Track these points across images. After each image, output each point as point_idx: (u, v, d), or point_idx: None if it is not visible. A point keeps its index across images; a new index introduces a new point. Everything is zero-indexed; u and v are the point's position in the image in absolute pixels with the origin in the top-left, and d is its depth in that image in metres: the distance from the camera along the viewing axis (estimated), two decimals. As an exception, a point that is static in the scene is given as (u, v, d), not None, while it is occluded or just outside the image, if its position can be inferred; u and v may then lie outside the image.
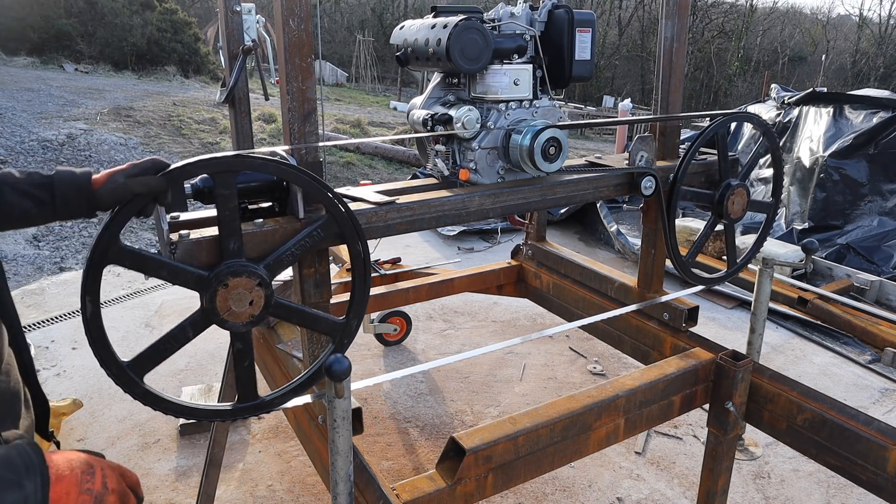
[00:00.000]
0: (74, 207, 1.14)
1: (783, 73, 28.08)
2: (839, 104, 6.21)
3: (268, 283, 1.30)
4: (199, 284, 1.25)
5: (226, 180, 1.23)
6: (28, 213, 1.10)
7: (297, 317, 1.42)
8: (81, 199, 1.14)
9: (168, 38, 19.24)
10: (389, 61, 26.38)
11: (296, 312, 1.41)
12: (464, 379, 3.77)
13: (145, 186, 1.17)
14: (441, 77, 1.94)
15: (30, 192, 1.10)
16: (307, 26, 1.37)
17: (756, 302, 2.16)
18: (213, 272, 1.25)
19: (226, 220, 1.25)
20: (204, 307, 1.27)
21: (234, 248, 1.26)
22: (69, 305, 4.47)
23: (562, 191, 1.89)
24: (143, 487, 2.93)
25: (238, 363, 1.37)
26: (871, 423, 1.67)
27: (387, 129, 13.54)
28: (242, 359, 1.37)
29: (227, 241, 1.26)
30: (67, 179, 1.13)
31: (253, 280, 1.28)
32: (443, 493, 1.49)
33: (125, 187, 1.16)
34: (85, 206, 1.15)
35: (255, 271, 1.28)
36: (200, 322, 1.29)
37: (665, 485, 2.89)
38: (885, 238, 5.49)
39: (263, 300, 1.30)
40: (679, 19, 2.08)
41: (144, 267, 1.21)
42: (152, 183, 1.18)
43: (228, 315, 1.28)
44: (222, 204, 1.24)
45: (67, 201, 1.13)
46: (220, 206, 1.24)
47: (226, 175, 1.23)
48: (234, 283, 1.26)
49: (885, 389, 3.78)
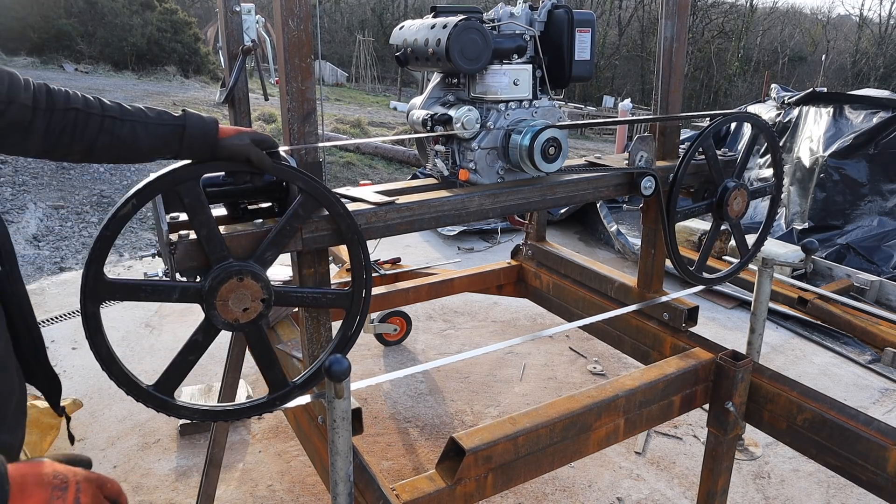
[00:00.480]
0: (197, 151, 1.22)
1: (783, 73, 28.09)
2: (839, 104, 6.21)
3: (261, 278, 1.30)
4: (195, 297, 1.26)
5: (189, 189, 1.22)
6: (156, 150, 1.19)
7: (300, 300, 1.42)
8: (206, 145, 1.22)
9: (168, 38, 19.24)
10: (389, 61, 26.37)
11: (299, 296, 1.42)
12: (464, 379, 3.77)
13: (260, 163, 1.25)
14: (441, 77, 1.94)
15: (161, 132, 1.18)
16: (307, 26, 1.37)
17: (756, 302, 2.16)
18: (205, 282, 1.25)
19: (199, 228, 1.24)
20: (207, 316, 1.27)
21: (219, 253, 1.26)
22: (69, 305, 4.47)
23: (562, 191, 1.89)
24: (144, 487, 2.93)
25: (259, 357, 1.39)
26: (871, 423, 1.67)
27: (387, 129, 13.54)
28: (262, 352, 1.39)
29: (209, 248, 1.25)
30: (197, 125, 1.21)
31: (247, 278, 1.28)
32: (443, 493, 1.49)
33: (248, 150, 1.24)
34: (207, 152, 1.23)
35: (246, 269, 1.27)
36: (209, 331, 1.31)
37: (665, 485, 2.89)
38: (885, 238, 5.49)
39: (263, 295, 1.30)
40: (679, 19, 2.08)
41: (137, 295, 1.22)
42: (265, 164, 1.26)
43: (233, 318, 1.28)
44: (192, 212, 1.23)
45: (193, 145, 1.21)
46: (190, 214, 1.23)
47: (188, 184, 1.21)
48: (229, 287, 1.26)
49: (885, 389, 3.78)
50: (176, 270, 1.27)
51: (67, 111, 1.09)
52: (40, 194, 6.75)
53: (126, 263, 5.41)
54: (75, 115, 1.09)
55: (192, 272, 1.29)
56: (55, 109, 1.07)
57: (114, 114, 1.14)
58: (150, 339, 4.05)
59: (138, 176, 7.84)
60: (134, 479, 2.80)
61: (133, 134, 1.16)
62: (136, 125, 1.16)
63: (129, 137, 1.15)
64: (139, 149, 1.17)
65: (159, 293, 1.24)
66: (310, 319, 1.54)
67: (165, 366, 1.31)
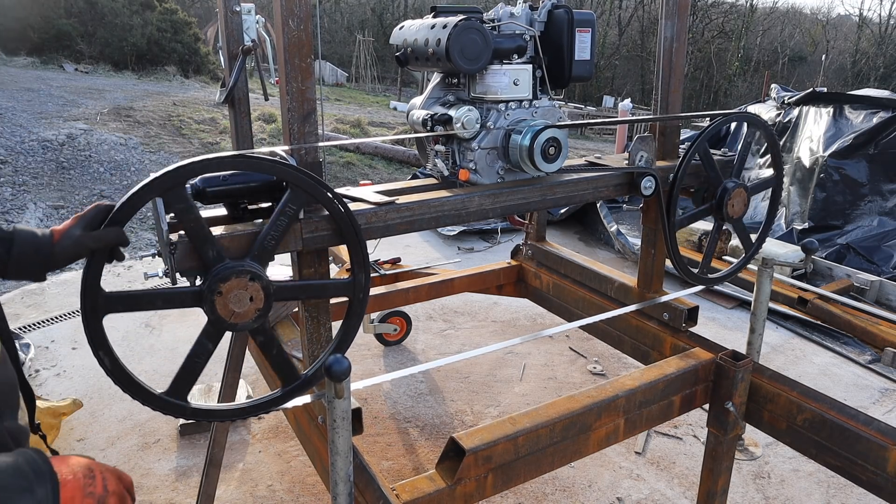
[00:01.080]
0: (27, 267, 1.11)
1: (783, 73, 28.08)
2: (839, 104, 6.21)
3: (260, 275, 1.30)
4: (197, 300, 1.26)
5: (176, 195, 1.21)
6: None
7: (302, 292, 1.42)
8: (39, 258, 1.11)
9: (168, 38, 19.24)
10: (389, 61, 26.37)
11: (300, 288, 1.42)
12: (464, 379, 3.77)
13: (100, 241, 1.17)
14: (441, 77, 1.94)
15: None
16: (307, 26, 1.37)
17: (756, 302, 2.16)
18: (203, 286, 1.25)
19: (190, 232, 1.24)
20: (210, 319, 1.27)
21: (213, 255, 1.26)
22: (69, 305, 4.47)
23: (562, 191, 1.89)
24: (144, 487, 2.93)
25: (268, 354, 1.39)
26: (871, 423, 1.67)
27: (387, 129, 13.54)
28: (270, 348, 1.39)
29: (203, 250, 1.25)
30: (28, 238, 1.10)
31: (244, 278, 1.28)
32: (443, 493, 1.49)
33: (81, 244, 1.15)
34: (40, 267, 1.13)
35: (243, 268, 1.27)
36: (213, 332, 1.31)
37: (665, 485, 2.89)
38: (885, 238, 5.49)
39: (262, 292, 1.30)
40: (679, 19, 2.08)
41: (138, 305, 1.22)
42: (107, 236, 1.17)
43: (235, 318, 1.29)
44: (181, 217, 1.22)
45: (22, 260, 1.10)
46: (180, 220, 1.22)
47: (173, 191, 1.20)
48: (227, 288, 1.26)
49: (885, 389, 3.78)
50: (176, 270, 1.27)
51: None
52: (40, 194, 6.75)
53: (126, 263, 5.41)
54: None
55: (193, 272, 1.29)
56: None
57: None
58: (151, 339, 4.05)
59: (139, 176, 7.85)
60: (134, 480, 2.80)
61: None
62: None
63: None
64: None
65: (159, 301, 1.25)
66: (310, 319, 1.54)
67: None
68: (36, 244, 1.11)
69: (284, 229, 1.35)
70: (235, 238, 1.32)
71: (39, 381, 3.55)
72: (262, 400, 1.44)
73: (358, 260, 1.44)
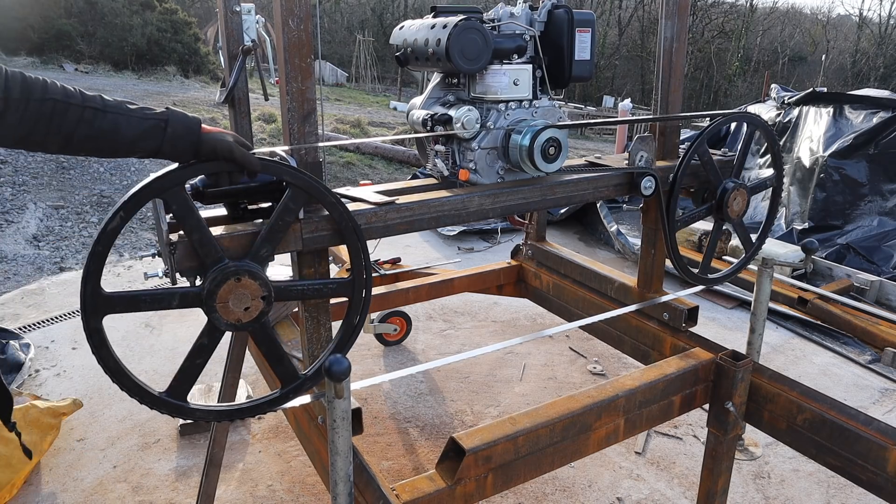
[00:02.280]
0: (180, 147, 1.19)
1: (783, 73, 28.08)
2: (839, 104, 6.21)
3: (259, 276, 1.29)
4: (196, 301, 1.26)
5: (175, 195, 1.20)
6: (137, 144, 1.15)
7: (301, 292, 1.42)
8: (189, 141, 1.19)
9: (168, 38, 19.24)
10: (389, 61, 26.36)
11: (299, 288, 1.42)
12: (464, 379, 3.77)
13: (246, 161, 1.24)
14: (441, 77, 1.94)
15: (143, 126, 1.15)
16: (307, 26, 1.37)
17: (756, 302, 2.16)
18: (203, 286, 1.25)
19: (190, 233, 1.23)
20: (210, 319, 1.27)
21: (213, 256, 1.25)
22: (69, 305, 4.47)
23: (562, 191, 1.89)
24: (144, 487, 2.93)
25: (268, 353, 1.40)
26: (871, 423, 1.67)
27: (387, 129, 13.54)
28: (270, 348, 1.39)
29: (202, 251, 1.25)
30: (180, 120, 1.19)
31: (244, 278, 1.28)
32: (443, 493, 1.49)
33: (230, 148, 1.22)
34: (190, 149, 1.20)
35: (243, 269, 1.27)
36: (213, 333, 1.31)
37: (665, 485, 2.89)
38: (885, 238, 5.48)
39: (263, 292, 1.30)
40: (679, 19, 2.08)
41: (138, 305, 1.23)
42: (251, 160, 1.24)
43: (235, 318, 1.29)
44: (181, 218, 1.22)
45: (175, 141, 1.18)
46: (179, 221, 1.22)
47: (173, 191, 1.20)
48: (227, 289, 1.26)
49: (885, 389, 3.78)
50: (176, 270, 1.27)
51: (45, 101, 1.06)
52: (40, 194, 6.75)
53: (126, 263, 5.41)
54: (53, 105, 1.07)
55: (193, 272, 1.29)
56: (31, 99, 1.05)
57: (95, 105, 1.12)
58: (150, 339, 4.05)
59: (139, 176, 7.84)
60: (134, 479, 2.80)
61: (114, 126, 1.13)
62: (118, 117, 1.13)
63: (109, 129, 1.13)
64: (119, 141, 1.14)
65: (159, 301, 1.24)
66: (310, 319, 1.54)
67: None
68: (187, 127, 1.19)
69: (283, 229, 1.35)
70: (235, 238, 1.32)
71: (39, 381, 3.55)
72: (262, 400, 1.44)
73: (357, 257, 1.43)
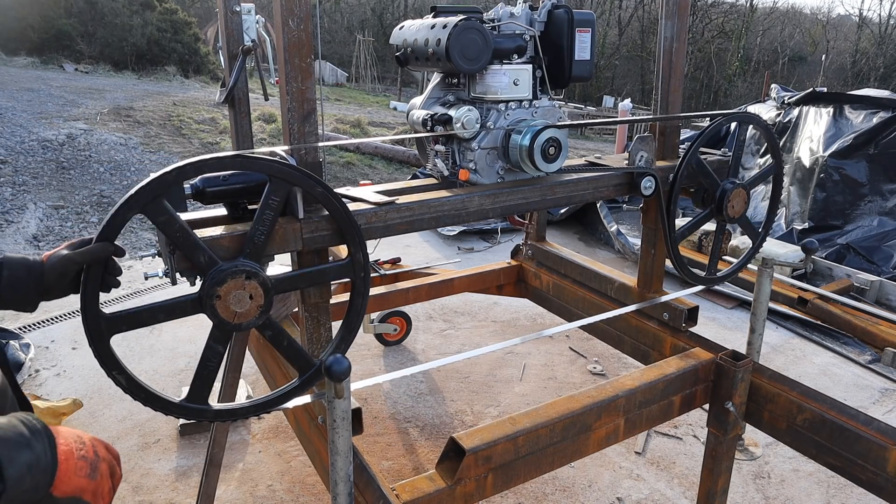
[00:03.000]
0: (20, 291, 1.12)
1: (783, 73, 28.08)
2: (839, 104, 6.21)
3: (255, 272, 1.29)
4: (197, 307, 1.26)
5: (155, 207, 1.19)
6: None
7: (301, 281, 1.42)
8: (31, 280, 1.12)
9: (168, 38, 19.25)
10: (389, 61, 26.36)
11: (299, 277, 1.42)
12: (464, 379, 3.77)
13: (87, 255, 1.17)
14: (441, 77, 1.94)
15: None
16: (307, 26, 1.37)
17: (756, 302, 2.16)
18: (201, 292, 1.25)
19: (178, 241, 1.23)
20: (214, 323, 1.28)
21: (205, 260, 1.25)
22: (69, 305, 4.46)
23: (562, 191, 1.89)
24: (144, 487, 2.93)
25: (279, 347, 1.40)
26: (871, 423, 1.67)
27: (387, 129, 13.54)
28: (280, 341, 1.40)
29: (194, 257, 1.25)
30: (18, 262, 1.11)
31: (240, 277, 1.27)
32: (443, 493, 1.49)
33: (68, 260, 1.15)
34: (33, 291, 1.13)
35: (238, 269, 1.27)
36: (220, 335, 1.32)
37: (665, 485, 2.89)
38: (885, 238, 5.48)
39: (261, 288, 1.30)
40: (679, 19, 2.08)
41: (141, 321, 1.23)
42: (93, 250, 1.17)
43: (239, 318, 1.29)
44: (165, 230, 1.21)
45: (15, 284, 1.10)
46: (165, 233, 1.22)
47: (151, 205, 1.19)
48: (225, 290, 1.26)
49: (885, 389, 3.78)
50: (176, 271, 1.27)
51: None
52: (40, 194, 6.75)
53: (126, 263, 5.41)
54: None
55: (193, 273, 1.29)
56: None
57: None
58: (150, 339, 4.05)
59: (139, 176, 7.85)
60: (134, 479, 2.80)
61: None
62: None
63: None
64: None
65: (160, 313, 1.25)
66: (310, 319, 1.54)
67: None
68: (27, 266, 1.12)
69: (271, 223, 1.33)
70: (226, 239, 1.31)
71: (39, 381, 3.55)
72: (282, 392, 1.44)
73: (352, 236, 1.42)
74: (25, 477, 0.80)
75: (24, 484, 0.80)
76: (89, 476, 0.90)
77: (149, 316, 1.24)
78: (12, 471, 0.79)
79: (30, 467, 0.81)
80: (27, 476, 0.81)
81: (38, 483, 0.83)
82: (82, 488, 0.88)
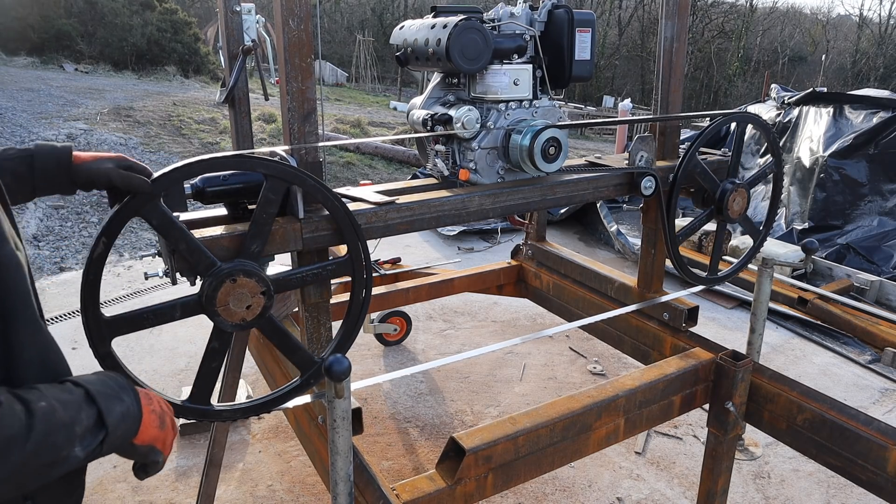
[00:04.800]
0: (55, 181, 1.13)
1: (783, 73, 28.08)
2: (839, 104, 6.21)
3: (255, 271, 1.29)
4: (198, 308, 1.26)
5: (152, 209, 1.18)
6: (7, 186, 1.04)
7: (300, 279, 1.43)
8: (61, 173, 1.12)
9: (168, 38, 19.25)
10: (389, 61, 26.36)
11: (298, 276, 1.42)
12: (464, 379, 3.77)
13: (127, 183, 1.14)
14: (441, 77, 1.94)
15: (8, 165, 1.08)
16: (307, 26, 1.37)
17: (756, 302, 2.16)
18: (201, 293, 1.25)
19: (176, 243, 1.22)
20: (214, 323, 1.27)
21: (204, 262, 1.25)
22: (69, 305, 4.46)
23: (562, 191, 1.89)
24: (144, 488, 2.93)
25: (280, 346, 1.41)
26: (871, 423, 1.67)
27: (387, 129, 13.54)
28: (281, 341, 1.40)
29: (192, 259, 1.24)
30: (48, 152, 1.11)
31: (238, 277, 1.27)
32: (443, 493, 1.49)
33: (107, 174, 1.13)
34: (66, 181, 1.13)
35: (236, 269, 1.27)
36: (221, 336, 1.32)
37: (665, 485, 2.89)
38: (885, 238, 5.48)
39: (261, 287, 1.30)
40: (679, 19, 2.08)
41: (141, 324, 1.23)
42: (136, 182, 1.14)
43: (240, 318, 1.29)
44: (163, 233, 1.21)
45: (47, 175, 1.11)
46: (162, 235, 1.21)
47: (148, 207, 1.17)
48: (225, 291, 1.26)
49: (885, 389, 3.78)
50: (176, 271, 1.27)
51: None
52: (40, 194, 6.74)
53: (126, 263, 5.41)
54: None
55: (193, 273, 1.29)
56: None
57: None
58: (150, 339, 4.05)
59: (138, 176, 7.83)
60: (134, 479, 2.80)
61: None
62: None
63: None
64: None
65: (162, 315, 1.25)
66: (310, 319, 1.54)
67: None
68: (56, 158, 1.12)
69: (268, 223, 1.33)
70: (224, 239, 1.31)
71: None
72: (282, 391, 1.45)
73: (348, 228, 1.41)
74: (120, 425, 0.91)
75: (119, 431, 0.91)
76: (160, 427, 1.00)
77: (149, 318, 1.24)
78: (111, 419, 0.89)
79: (124, 417, 0.92)
80: (121, 425, 0.91)
81: (128, 431, 0.93)
82: (155, 437, 0.99)
